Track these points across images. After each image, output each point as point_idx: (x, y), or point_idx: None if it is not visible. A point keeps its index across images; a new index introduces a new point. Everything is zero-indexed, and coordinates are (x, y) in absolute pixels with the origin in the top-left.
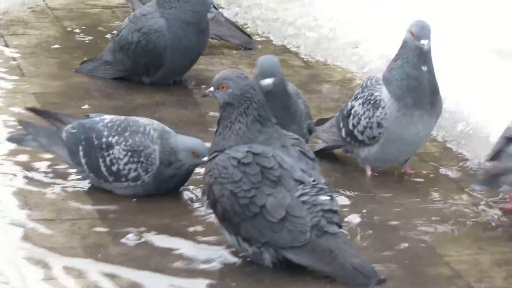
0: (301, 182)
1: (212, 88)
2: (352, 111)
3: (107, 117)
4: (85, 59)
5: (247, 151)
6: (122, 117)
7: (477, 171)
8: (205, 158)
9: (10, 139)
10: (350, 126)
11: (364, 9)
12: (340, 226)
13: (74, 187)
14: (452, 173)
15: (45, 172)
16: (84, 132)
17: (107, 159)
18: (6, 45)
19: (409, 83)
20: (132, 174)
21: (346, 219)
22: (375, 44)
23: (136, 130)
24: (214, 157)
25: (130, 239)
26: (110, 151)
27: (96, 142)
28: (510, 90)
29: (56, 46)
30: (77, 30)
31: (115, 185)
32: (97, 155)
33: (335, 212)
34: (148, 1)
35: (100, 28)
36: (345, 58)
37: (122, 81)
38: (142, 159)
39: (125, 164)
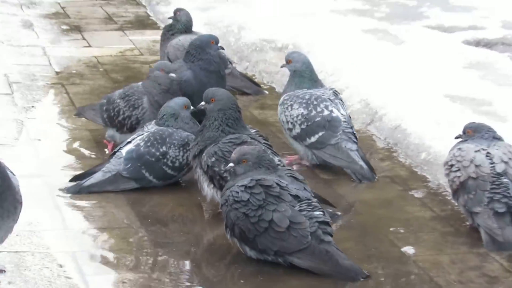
0: (298, 198)
1: (232, 164)
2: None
3: (137, 142)
4: None
5: (251, 179)
6: (146, 134)
7: (437, 191)
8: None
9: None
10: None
11: (347, 62)
12: (331, 235)
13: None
14: (417, 193)
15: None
16: (137, 160)
17: (168, 162)
18: (67, 92)
19: None
20: (186, 159)
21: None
22: (355, 91)
23: (169, 133)
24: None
25: None
26: (168, 156)
27: (153, 159)
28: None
29: (105, 93)
30: (122, 80)
31: (179, 175)
32: (160, 165)
33: (327, 223)
34: (175, 59)
35: (140, 79)
36: None
37: None
38: (188, 147)
39: (182, 156)
